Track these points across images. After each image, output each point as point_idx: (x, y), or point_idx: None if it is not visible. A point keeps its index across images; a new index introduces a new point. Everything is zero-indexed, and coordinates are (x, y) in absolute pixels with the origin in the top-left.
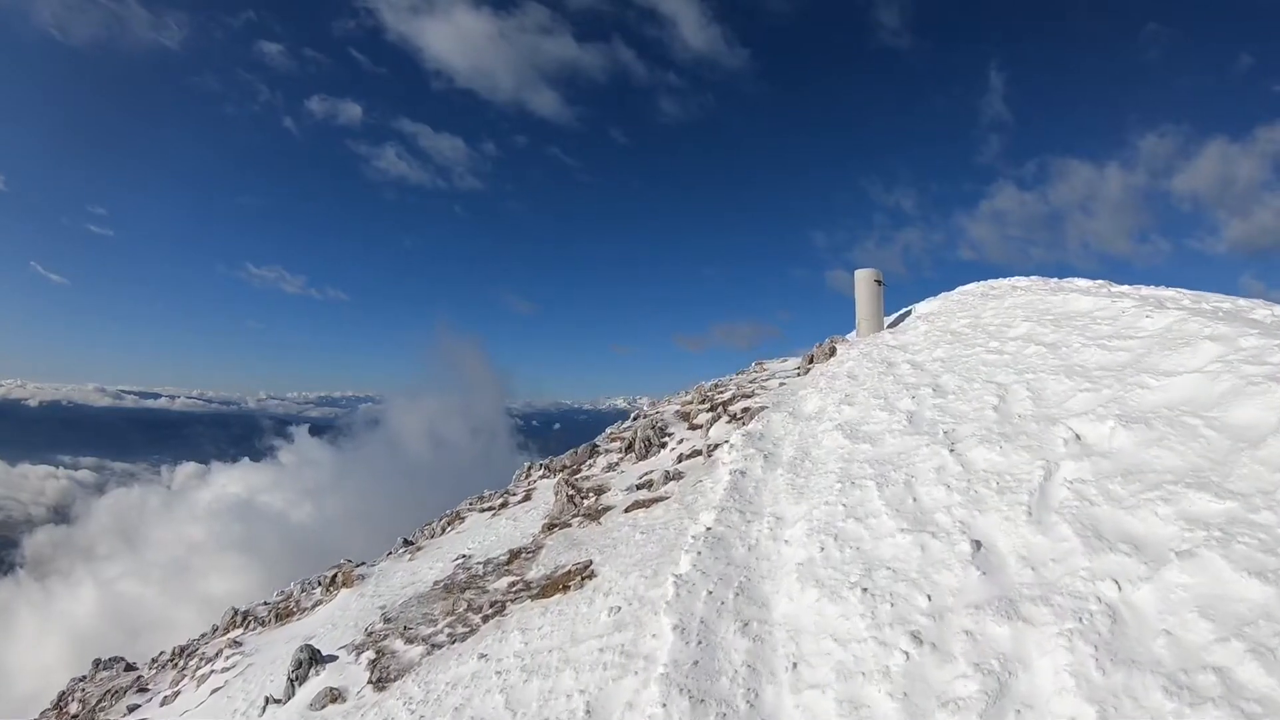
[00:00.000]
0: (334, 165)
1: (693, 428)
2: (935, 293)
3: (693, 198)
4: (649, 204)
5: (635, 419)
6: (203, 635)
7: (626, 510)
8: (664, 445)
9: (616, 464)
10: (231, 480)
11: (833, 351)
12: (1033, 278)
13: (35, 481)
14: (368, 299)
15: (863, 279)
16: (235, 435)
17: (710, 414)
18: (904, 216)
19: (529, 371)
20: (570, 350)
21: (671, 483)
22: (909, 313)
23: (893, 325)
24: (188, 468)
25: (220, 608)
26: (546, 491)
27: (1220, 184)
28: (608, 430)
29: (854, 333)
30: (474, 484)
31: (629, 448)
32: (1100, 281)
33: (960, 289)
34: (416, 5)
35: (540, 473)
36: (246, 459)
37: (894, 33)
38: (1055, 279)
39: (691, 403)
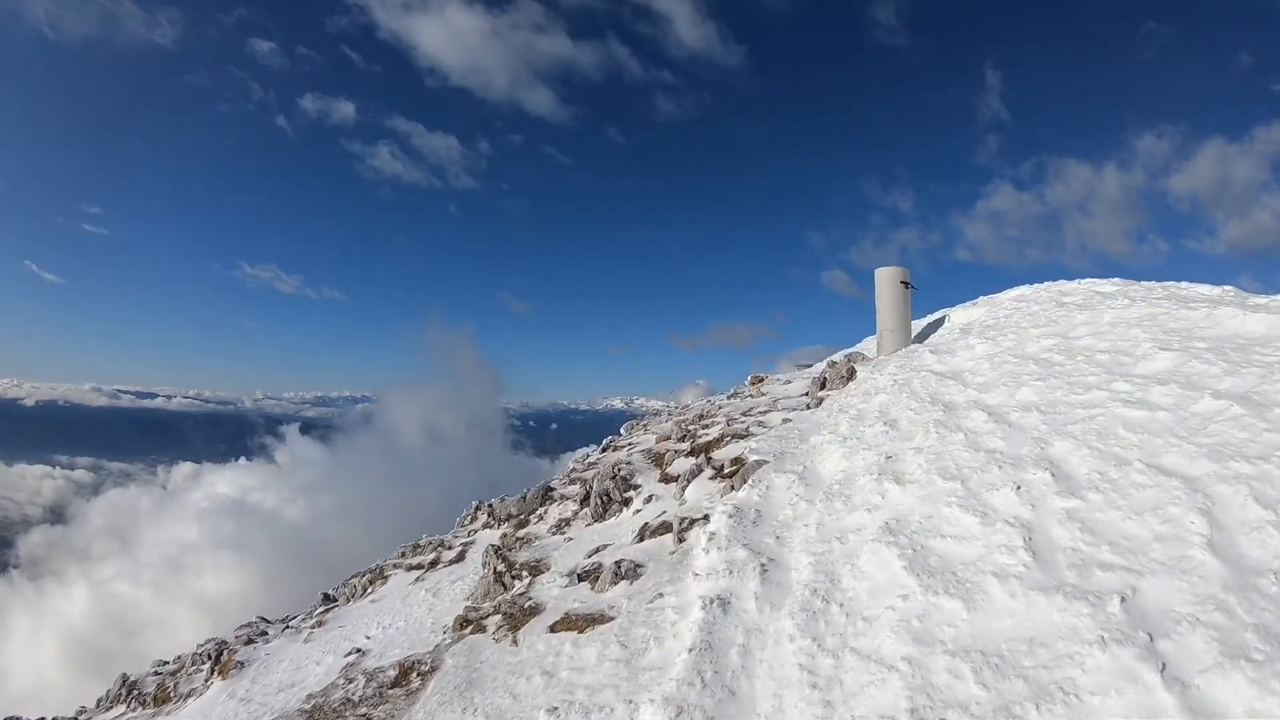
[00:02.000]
0: (328, 164)
1: (665, 479)
2: (934, 295)
3: (689, 197)
4: (645, 203)
5: (606, 449)
6: (98, 702)
7: (553, 628)
8: (627, 503)
9: (569, 521)
10: (227, 480)
11: (850, 374)
12: (1115, 280)
13: (31, 481)
14: (363, 298)
15: (886, 280)
16: (231, 435)
17: (690, 459)
18: (901, 217)
19: (526, 371)
20: (567, 350)
21: (621, 583)
22: (942, 321)
23: (921, 337)
24: (184, 468)
25: (215, 608)
26: (486, 541)
27: (1218, 184)
28: (571, 464)
29: (868, 341)
30: (467, 481)
31: (585, 499)
32: (1227, 288)
33: (1013, 292)
34: (409, 2)
35: (484, 519)
36: (243, 459)
37: (890, 30)
38: (1153, 282)
39: (669, 438)
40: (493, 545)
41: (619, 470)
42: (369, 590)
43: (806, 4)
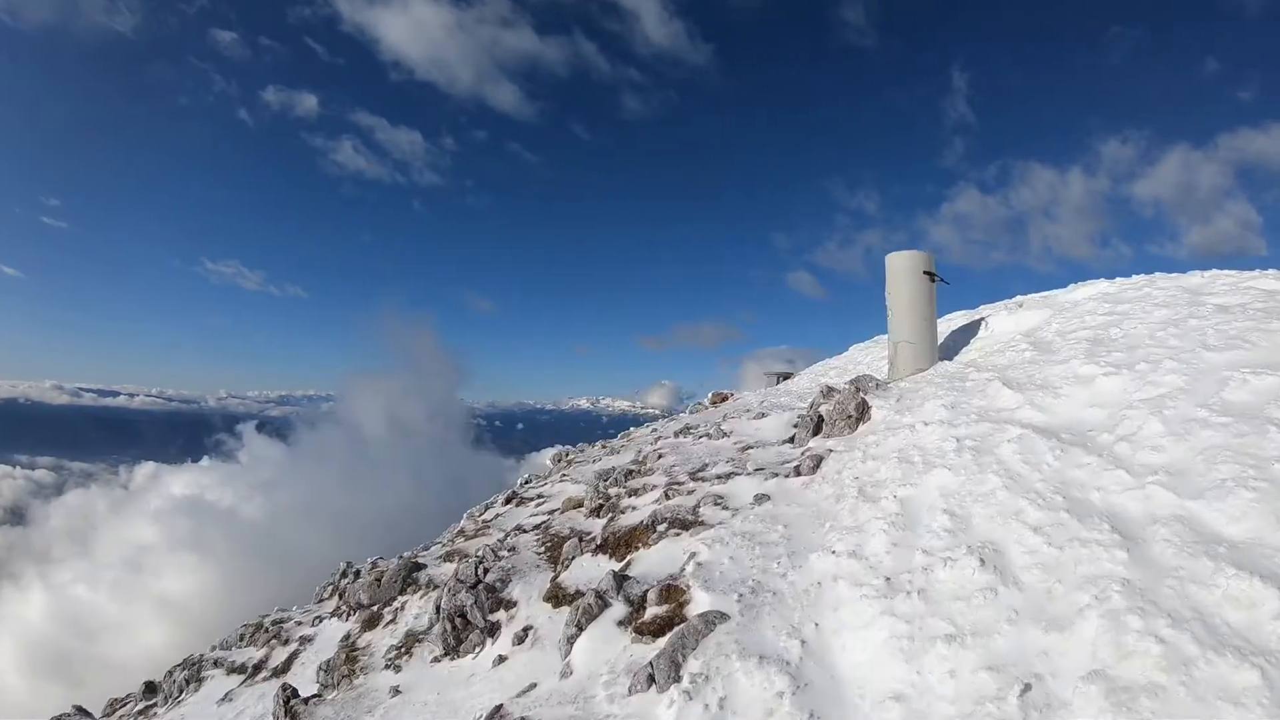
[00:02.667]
0: (290, 159)
1: (556, 596)
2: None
3: (655, 196)
4: (611, 201)
5: (511, 501)
6: None
7: None
8: (493, 631)
9: (415, 642)
10: (191, 480)
11: (861, 411)
12: (1213, 270)
13: None
14: (327, 296)
15: (902, 270)
16: (194, 434)
17: (599, 561)
18: (866, 218)
19: (492, 371)
20: (533, 349)
21: None
22: (975, 328)
23: (946, 352)
24: (147, 467)
25: (177, 609)
26: (326, 643)
27: (1182, 190)
28: (465, 518)
29: (857, 349)
30: (430, 477)
31: (438, 609)
32: None
33: (1088, 289)
34: None
35: (334, 602)
36: (206, 458)
37: (858, 31)
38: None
39: (581, 504)
40: (282, 697)
41: (485, 570)
42: (183, 694)
43: (774, 2)
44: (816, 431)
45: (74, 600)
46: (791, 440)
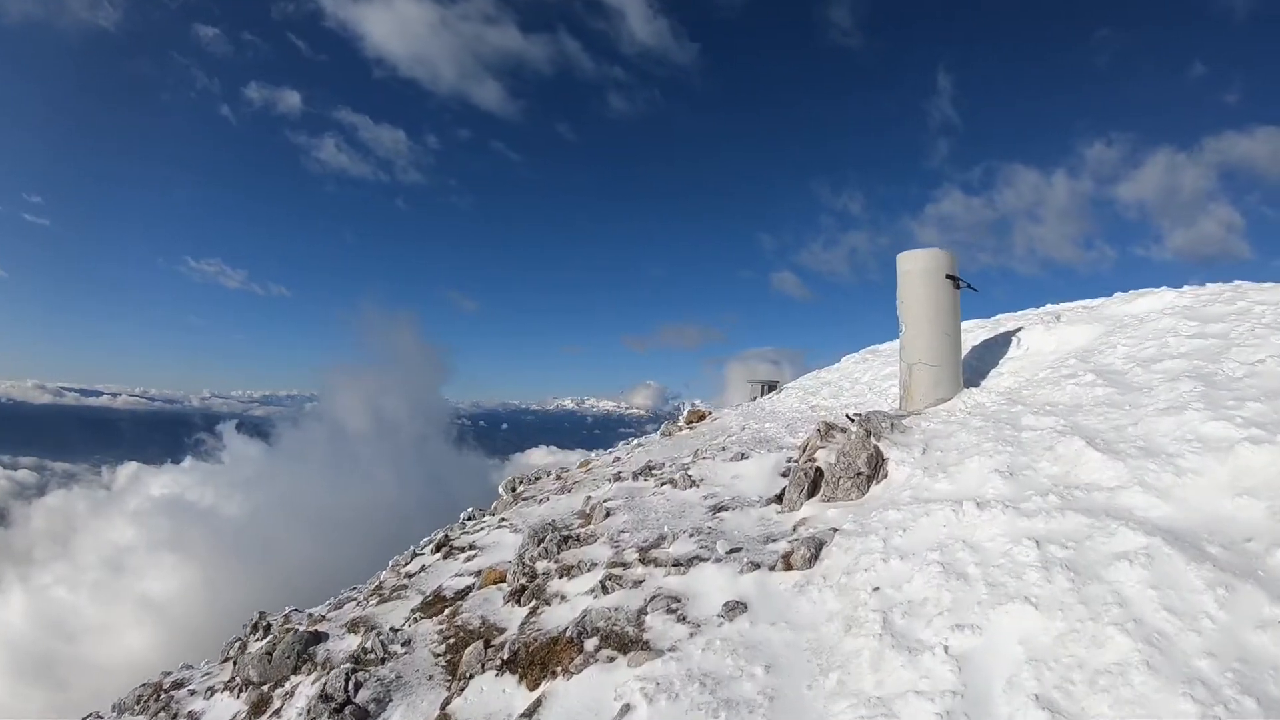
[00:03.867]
0: (273, 156)
1: None
2: (894, 295)
3: (640, 196)
4: (596, 201)
5: (442, 549)
6: None
7: None
8: None
9: None
10: (174, 481)
11: (875, 467)
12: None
13: None
14: (310, 295)
15: (920, 273)
16: (178, 434)
17: (502, 676)
18: (851, 219)
19: (476, 371)
20: (517, 349)
21: None
22: (1005, 344)
23: (969, 373)
24: (129, 468)
25: (159, 610)
26: None
27: (1166, 193)
28: (388, 568)
29: (851, 360)
30: (413, 476)
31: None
32: None
33: (1146, 301)
34: None
35: (229, 671)
36: (189, 458)
37: (845, 32)
38: None
39: (501, 580)
40: None
41: (357, 685)
42: None
43: (760, 1)
44: (813, 491)
45: (56, 602)
46: (779, 499)
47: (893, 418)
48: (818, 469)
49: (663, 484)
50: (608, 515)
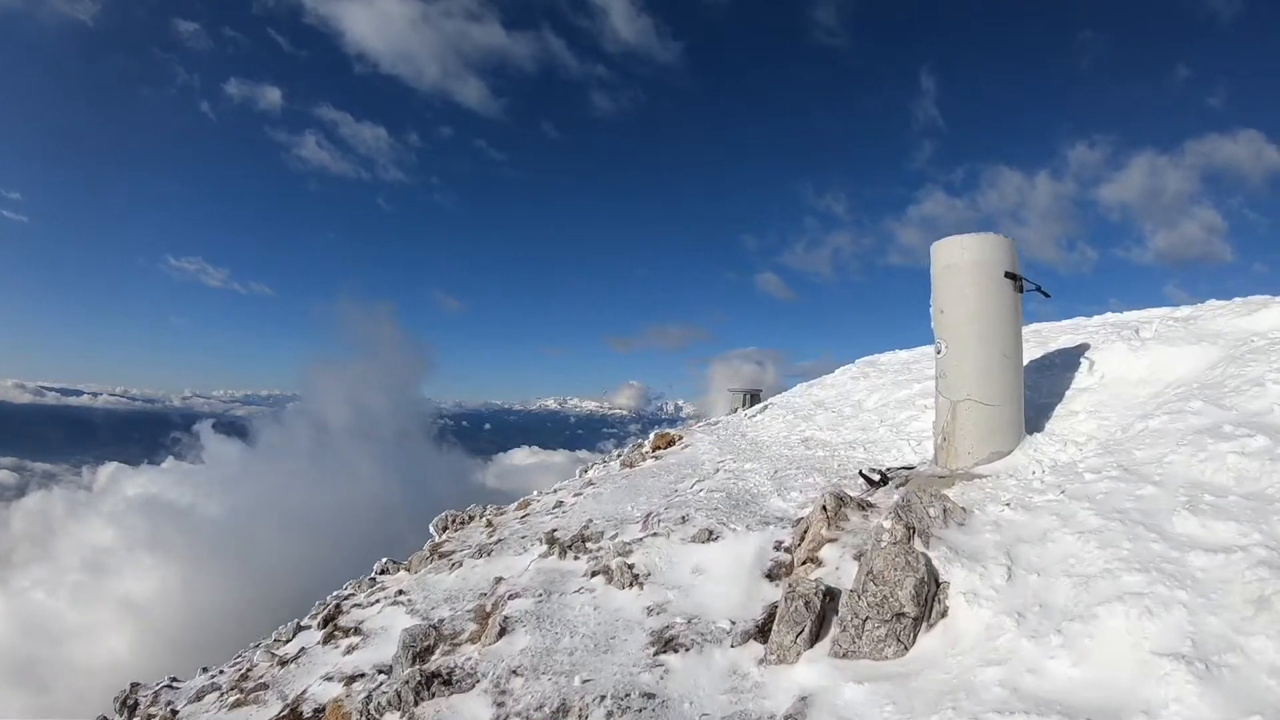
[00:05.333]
0: (254, 153)
1: None
2: (880, 295)
3: (623, 196)
4: (579, 200)
5: (328, 625)
6: None
7: None
8: None
9: None
10: (154, 481)
11: (925, 603)
12: None
13: None
14: (293, 294)
15: (969, 267)
16: (159, 434)
17: None
18: (835, 220)
19: (459, 370)
20: (501, 349)
21: None
22: (1067, 365)
23: (1033, 413)
24: (110, 468)
25: (141, 611)
26: None
27: (1148, 195)
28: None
29: (845, 372)
30: (395, 477)
31: None
32: None
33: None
34: None
35: None
36: (171, 458)
37: (830, 32)
38: None
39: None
40: None
41: None
42: None
43: (745, 1)
44: (817, 634)
45: (37, 604)
46: (762, 631)
47: (941, 492)
48: (826, 591)
49: (596, 573)
50: (503, 633)
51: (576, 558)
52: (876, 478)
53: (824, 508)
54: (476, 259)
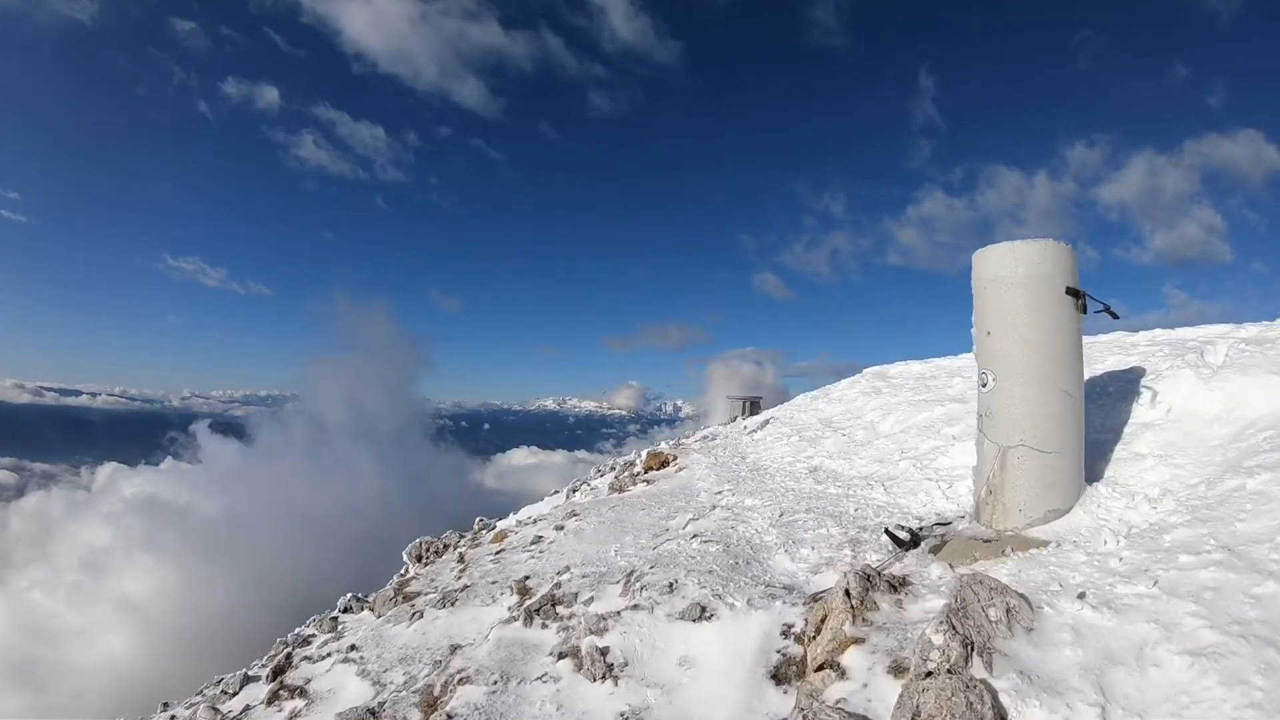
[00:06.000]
0: (251, 153)
1: None
2: (879, 295)
3: (621, 195)
4: (577, 200)
5: (277, 679)
6: None
7: None
8: None
9: None
10: (153, 481)
11: None
12: None
13: None
14: (291, 294)
15: (1026, 280)
16: (158, 435)
17: None
18: (833, 220)
19: (458, 370)
20: (499, 349)
21: None
22: (1126, 398)
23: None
24: (109, 468)
25: (138, 612)
26: None
27: (1147, 195)
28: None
29: (842, 388)
30: (394, 476)
31: None
32: None
33: None
34: None
35: None
36: (170, 458)
37: (828, 31)
38: None
39: None
40: None
41: None
42: None
43: (743, 0)
44: None
45: (35, 605)
46: None
47: (999, 582)
48: None
49: (564, 654)
50: None
51: (545, 625)
52: (906, 537)
53: (846, 592)
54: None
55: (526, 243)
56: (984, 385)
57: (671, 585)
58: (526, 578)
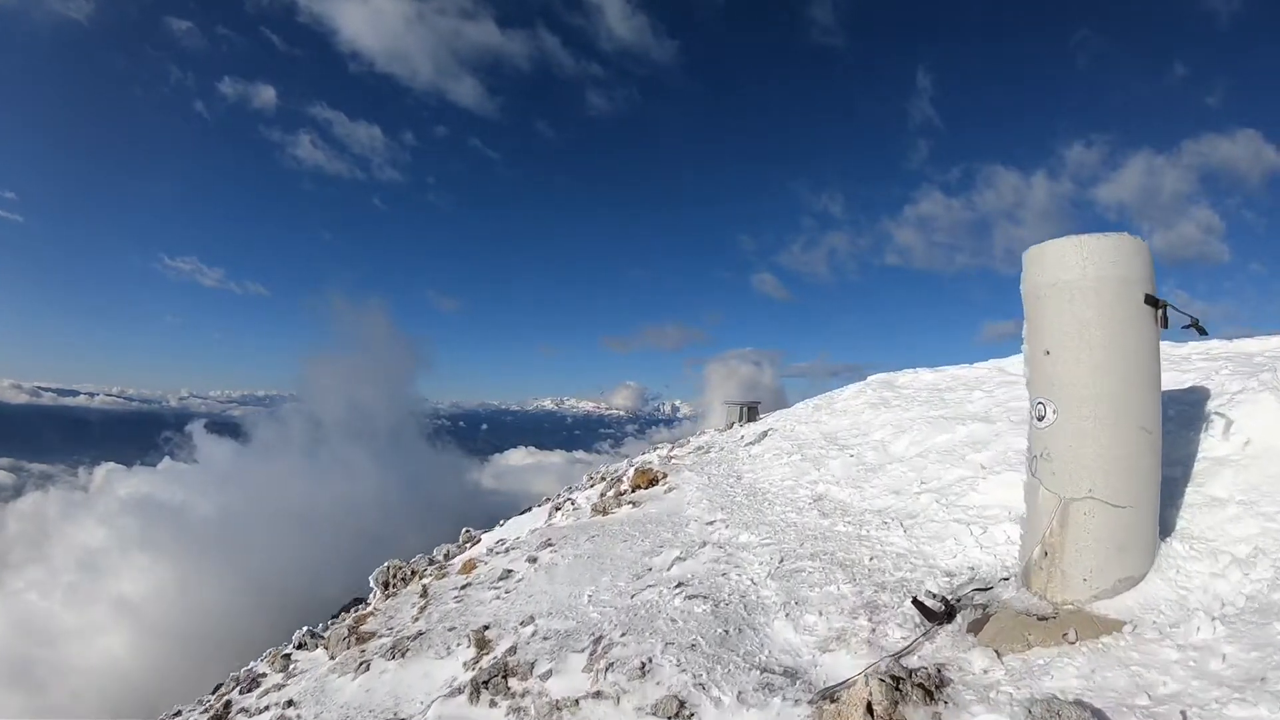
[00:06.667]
0: (248, 153)
1: None
2: (878, 296)
3: (619, 195)
4: (575, 200)
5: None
6: None
7: None
8: None
9: None
10: (150, 481)
11: None
12: None
13: None
14: (288, 294)
15: (1097, 284)
16: (156, 435)
17: None
18: (831, 220)
19: (456, 371)
20: (497, 350)
21: None
22: (1188, 425)
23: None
24: (106, 469)
25: (135, 612)
26: None
27: (1145, 195)
28: None
29: (863, 387)
30: (388, 475)
31: None
32: None
33: None
34: None
35: None
36: (168, 459)
37: (826, 30)
38: None
39: None
40: None
41: None
42: None
43: None
44: None
45: (32, 605)
46: None
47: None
48: None
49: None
50: None
51: (493, 702)
52: (939, 607)
53: (869, 707)
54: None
55: (524, 242)
56: (1040, 419)
57: (644, 666)
58: (486, 627)
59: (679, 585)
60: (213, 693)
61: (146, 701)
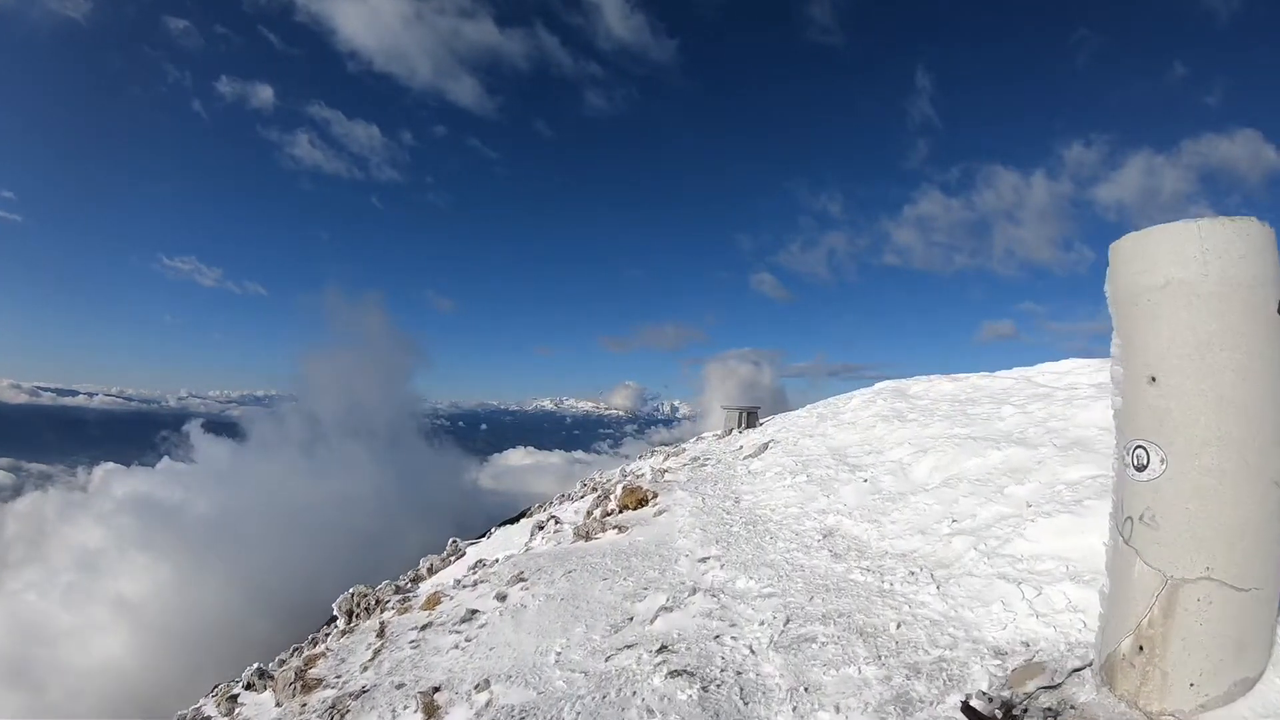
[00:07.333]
0: (246, 152)
1: None
2: (877, 296)
3: (618, 195)
4: (573, 200)
5: None
6: None
7: None
8: None
9: None
10: (149, 481)
11: None
12: None
13: None
14: (287, 293)
15: (1221, 285)
16: (154, 435)
17: None
18: (830, 220)
19: (454, 371)
20: (495, 350)
21: None
22: None
23: None
24: (105, 468)
25: (133, 612)
26: None
27: (1145, 195)
28: None
29: (864, 393)
30: (386, 474)
31: None
32: None
33: None
34: None
35: None
36: (166, 459)
37: (825, 30)
38: None
39: None
40: None
41: None
42: None
43: None
44: None
45: (31, 605)
46: None
47: None
48: None
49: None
50: None
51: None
52: (996, 714)
53: None
54: (471, 259)
55: (523, 242)
56: (1139, 468)
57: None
58: (437, 689)
59: (661, 650)
60: None
61: (145, 701)
